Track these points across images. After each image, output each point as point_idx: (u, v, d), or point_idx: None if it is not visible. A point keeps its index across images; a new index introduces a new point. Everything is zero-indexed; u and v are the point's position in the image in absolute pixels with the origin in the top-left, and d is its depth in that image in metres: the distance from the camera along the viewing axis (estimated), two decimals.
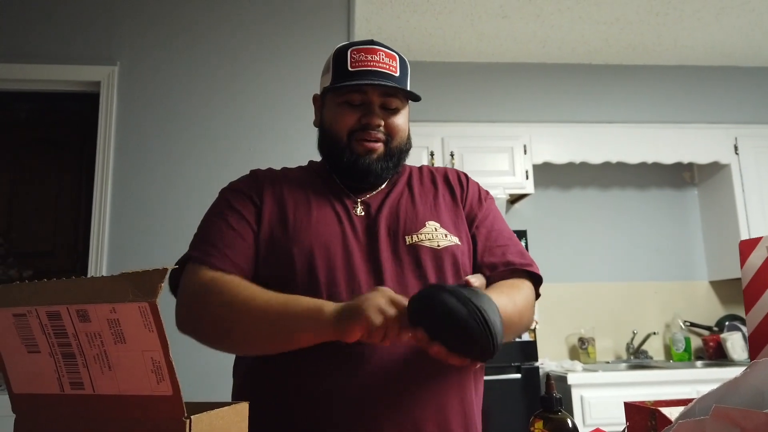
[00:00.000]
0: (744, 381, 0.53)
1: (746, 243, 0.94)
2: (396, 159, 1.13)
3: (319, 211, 1.09)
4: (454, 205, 1.17)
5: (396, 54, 1.12)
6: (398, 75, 1.10)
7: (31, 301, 0.56)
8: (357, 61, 1.08)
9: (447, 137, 3.49)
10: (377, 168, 1.10)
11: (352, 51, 1.10)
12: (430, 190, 1.18)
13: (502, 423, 2.82)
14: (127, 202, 2.58)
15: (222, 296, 0.97)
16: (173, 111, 2.69)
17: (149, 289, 0.52)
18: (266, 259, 1.05)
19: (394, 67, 1.10)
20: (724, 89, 3.86)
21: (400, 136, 1.13)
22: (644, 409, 0.80)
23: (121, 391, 0.55)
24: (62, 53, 2.70)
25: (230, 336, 0.98)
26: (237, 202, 1.10)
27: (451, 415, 1.00)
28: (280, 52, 2.79)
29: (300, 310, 0.92)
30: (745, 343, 3.32)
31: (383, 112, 1.10)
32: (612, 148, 3.60)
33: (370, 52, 1.09)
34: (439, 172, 1.23)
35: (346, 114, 1.10)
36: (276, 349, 0.96)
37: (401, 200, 1.14)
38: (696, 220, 3.94)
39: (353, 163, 1.10)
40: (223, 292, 0.97)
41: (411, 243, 1.06)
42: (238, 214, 1.08)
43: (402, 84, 1.11)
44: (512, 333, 1.05)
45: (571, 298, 3.72)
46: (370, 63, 1.08)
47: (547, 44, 3.58)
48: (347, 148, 1.10)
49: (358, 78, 1.07)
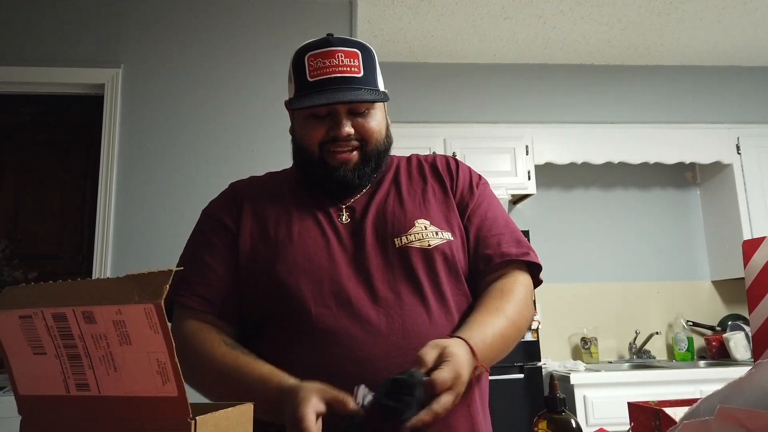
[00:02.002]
0: (749, 381, 0.53)
1: (749, 243, 0.94)
2: (375, 162, 1.08)
3: (301, 224, 1.06)
4: (444, 196, 1.12)
5: (356, 49, 1.06)
6: (362, 75, 1.04)
7: (37, 302, 0.56)
8: (315, 69, 1.03)
9: (449, 138, 3.49)
10: (353, 178, 1.06)
11: (309, 58, 1.04)
12: (418, 183, 1.13)
13: (505, 423, 2.82)
14: (131, 204, 2.59)
15: (191, 359, 0.96)
16: (177, 113, 2.69)
17: (154, 290, 0.52)
18: (248, 281, 1.03)
19: (356, 67, 1.04)
20: (726, 89, 3.86)
21: (375, 138, 1.07)
22: (648, 410, 0.80)
23: (126, 392, 0.55)
24: (66, 56, 2.71)
25: (199, 390, 0.98)
26: (212, 232, 1.09)
27: (457, 423, 0.99)
28: (283, 54, 2.78)
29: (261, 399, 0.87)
30: (747, 343, 3.32)
31: (352, 117, 1.05)
32: (614, 148, 3.60)
33: (328, 56, 1.03)
34: (428, 161, 1.18)
35: (313, 128, 1.05)
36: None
37: (388, 200, 1.09)
38: (698, 219, 3.93)
39: (328, 177, 1.06)
40: (192, 355, 0.98)
41: (400, 246, 1.02)
42: (212, 248, 1.07)
43: (368, 82, 1.04)
44: (513, 342, 1.04)
45: (573, 298, 3.72)
46: (328, 70, 1.03)
47: (549, 45, 3.58)
48: (320, 161, 1.06)
49: (319, 88, 1.02)
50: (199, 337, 1.00)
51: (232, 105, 2.72)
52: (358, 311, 0.97)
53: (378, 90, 1.06)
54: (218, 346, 0.99)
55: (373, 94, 1.04)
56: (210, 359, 0.97)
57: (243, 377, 0.94)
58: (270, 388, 0.90)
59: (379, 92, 1.06)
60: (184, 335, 1.01)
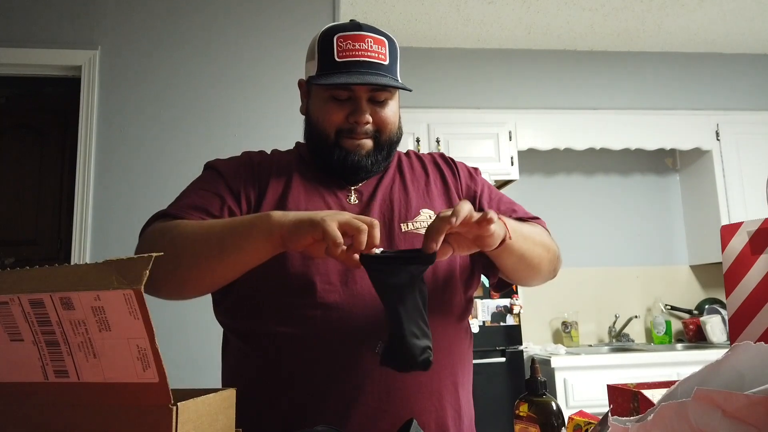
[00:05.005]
0: (725, 363, 0.54)
1: (727, 228, 0.96)
2: (386, 151, 1.10)
3: (310, 203, 1.06)
4: (445, 189, 1.15)
5: (385, 37, 1.07)
6: (387, 63, 1.06)
7: (14, 289, 0.55)
8: (344, 50, 1.03)
9: (433, 123, 3.49)
10: (367, 163, 1.07)
11: (338, 38, 1.04)
12: (421, 176, 1.17)
13: (487, 406, 2.85)
14: (110, 188, 2.55)
15: (170, 232, 0.94)
16: (155, 95, 2.65)
17: (134, 276, 0.51)
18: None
19: (383, 54, 1.05)
20: (706, 76, 3.90)
21: (390, 129, 1.09)
22: (627, 392, 0.81)
23: (106, 378, 0.55)
24: (42, 37, 2.65)
25: (179, 265, 0.91)
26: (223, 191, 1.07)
27: (445, 404, 1.01)
28: (264, 34, 2.76)
29: (249, 219, 0.91)
30: (724, 326, 3.39)
31: (371, 105, 1.06)
32: (596, 134, 3.63)
33: (358, 40, 1.04)
34: (425, 158, 1.22)
35: (333, 110, 1.06)
36: (226, 268, 0.91)
37: (393, 187, 1.12)
38: (678, 205, 3.99)
39: (342, 161, 1.07)
40: (171, 229, 0.95)
41: (406, 231, 1.05)
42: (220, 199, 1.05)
43: (392, 71, 1.07)
44: (541, 251, 1.07)
45: (554, 282, 3.70)
46: (357, 53, 1.03)
47: (533, 30, 3.58)
48: (335, 145, 1.07)
49: (345, 69, 1.03)
50: (174, 221, 0.98)
51: (212, 86, 2.68)
52: (361, 290, 0.98)
53: (399, 81, 1.08)
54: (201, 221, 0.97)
55: (396, 82, 1.06)
56: (199, 222, 0.96)
57: (232, 220, 0.95)
58: (275, 212, 0.88)
59: (402, 87, 1.07)
60: (160, 225, 0.98)
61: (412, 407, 0.96)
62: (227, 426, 0.64)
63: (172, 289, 0.96)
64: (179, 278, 0.93)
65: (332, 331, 0.96)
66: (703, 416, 0.45)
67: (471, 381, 1.11)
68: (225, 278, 0.94)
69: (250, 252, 0.88)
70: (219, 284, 0.96)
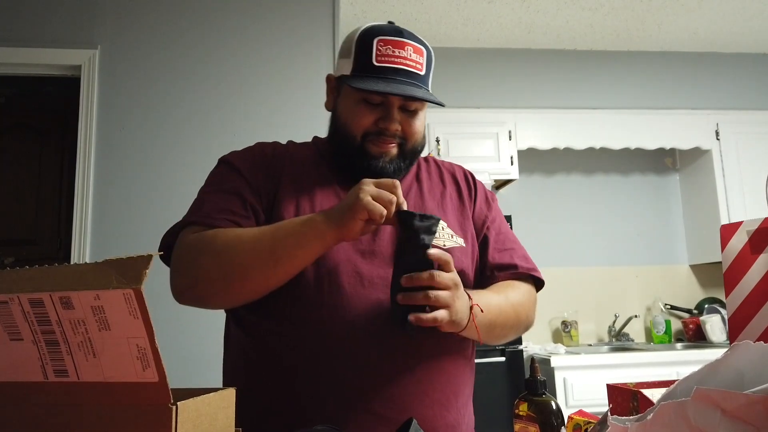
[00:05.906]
0: (725, 363, 0.54)
1: (727, 227, 0.96)
2: (410, 160, 1.10)
3: (325, 201, 1.06)
4: (460, 204, 1.16)
5: (423, 46, 1.06)
6: (423, 73, 1.05)
7: (13, 288, 0.55)
8: (383, 55, 1.02)
9: (433, 123, 3.49)
10: (389, 170, 1.07)
11: (378, 41, 1.02)
12: (437, 185, 1.17)
13: (486, 405, 2.85)
14: (109, 188, 2.55)
15: (213, 245, 0.94)
16: (155, 94, 2.65)
17: (134, 275, 0.51)
18: None
19: (420, 64, 1.04)
20: (705, 75, 3.90)
21: (416, 139, 1.09)
22: (626, 391, 0.81)
23: (106, 378, 0.55)
24: (42, 36, 2.65)
25: (231, 278, 0.94)
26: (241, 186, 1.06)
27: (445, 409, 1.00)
28: (263, 35, 2.76)
29: (294, 226, 0.93)
30: (723, 326, 3.39)
31: (402, 113, 1.06)
32: (595, 133, 3.63)
33: (398, 46, 1.02)
34: (445, 167, 1.22)
35: (363, 113, 1.05)
36: (280, 276, 0.94)
37: (410, 194, 1.12)
38: (677, 204, 3.99)
39: (366, 167, 1.06)
40: (211, 241, 0.95)
41: None
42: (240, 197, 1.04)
43: (426, 82, 1.06)
44: (510, 324, 1.07)
45: (554, 282, 3.76)
46: (397, 60, 1.02)
47: (533, 30, 3.58)
48: (360, 149, 1.06)
49: (383, 75, 1.01)
50: (211, 231, 0.98)
51: (212, 86, 2.68)
52: (370, 293, 0.98)
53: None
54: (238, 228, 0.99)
55: (432, 96, 1.05)
56: (240, 232, 0.97)
57: (280, 224, 0.97)
58: (317, 215, 0.94)
59: (437, 102, 1.06)
60: (197, 235, 0.98)
61: (413, 414, 0.96)
62: (227, 425, 0.64)
63: (223, 301, 1.00)
64: (232, 291, 0.96)
65: (336, 332, 0.96)
66: (702, 415, 0.45)
67: (472, 389, 1.11)
68: (278, 284, 0.96)
69: (305, 257, 0.93)
70: (271, 290, 0.97)
